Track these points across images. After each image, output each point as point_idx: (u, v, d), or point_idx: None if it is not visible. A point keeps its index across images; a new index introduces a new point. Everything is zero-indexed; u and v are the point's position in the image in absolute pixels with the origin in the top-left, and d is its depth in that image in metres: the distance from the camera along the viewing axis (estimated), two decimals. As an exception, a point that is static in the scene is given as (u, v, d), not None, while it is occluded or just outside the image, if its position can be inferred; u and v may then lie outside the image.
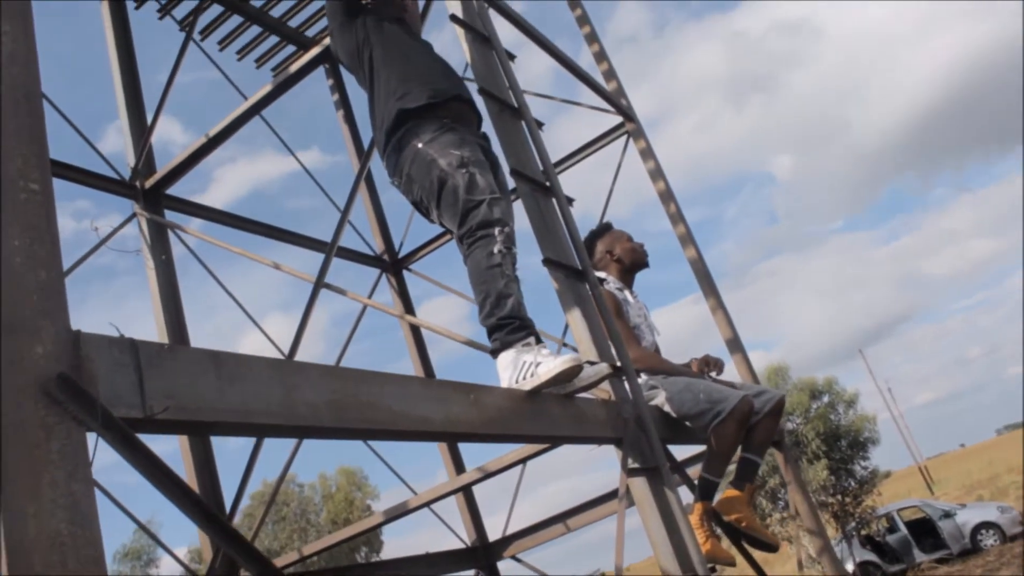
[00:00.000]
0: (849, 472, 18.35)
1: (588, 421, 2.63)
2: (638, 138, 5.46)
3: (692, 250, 5.07)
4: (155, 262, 4.61)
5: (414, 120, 2.89)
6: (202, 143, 4.80)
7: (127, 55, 5.34)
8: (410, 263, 6.58)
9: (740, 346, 4.83)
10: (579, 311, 2.90)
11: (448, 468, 5.72)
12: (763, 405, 3.52)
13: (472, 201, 2.67)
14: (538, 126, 3.44)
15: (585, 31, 5.89)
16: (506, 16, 4.33)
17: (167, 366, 1.42)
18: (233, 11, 6.67)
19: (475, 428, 2.09)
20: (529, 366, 2.41)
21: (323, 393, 1.69)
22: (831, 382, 19.57)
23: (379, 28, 3.17)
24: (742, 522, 3.39)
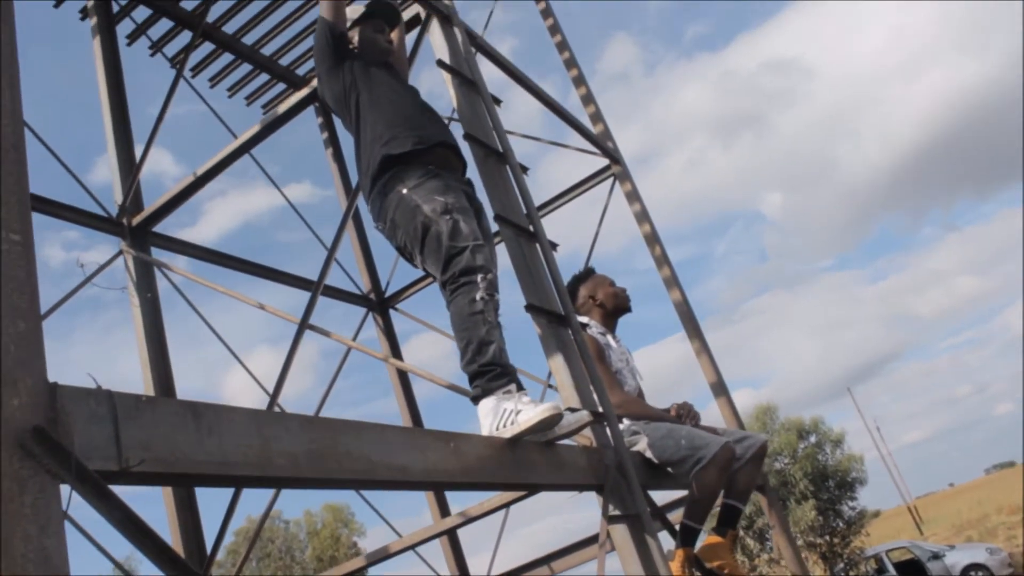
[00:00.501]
0: (837, 513, 18.29)
1: (569, 468, 2.63)
2: (624, 181, 5.51)
3: (677, 292, 5.10)
4: (140, 300, 4.61)
5: (399, 166, 2.91)
6: (190, 181, 4.81)
7: (117, 91, 5.37)
8: (397, 302, 6.59)
9: (724, 389, 4.85)
10: (561, 356, 2.92)
11: (432, 510, 5.69)
12: (745, 451, 3.53)
13: (455, 248, 2.69)
14: (523, 170, 3.48)
15: (573, 74, 5.96)
16: (493, 60, 4.38)
17: (145, 418, 1.42)
18: (224, 49, 6.74)
19: (454, 477, 2.09)
20: (510, 413, 2.42)
21: (301, 443, 1.69)
22: (818, 422, 19.58)
23: (366, 73, 3.21)
24: (724, 569, 3.38)
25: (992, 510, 36.05)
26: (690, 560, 3.34)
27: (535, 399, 2.54)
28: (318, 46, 3.29)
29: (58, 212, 4.53)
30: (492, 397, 2.50)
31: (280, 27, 6.70)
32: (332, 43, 3.23)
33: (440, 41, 3.70)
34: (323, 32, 3.26)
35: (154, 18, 6.23)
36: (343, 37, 3.29)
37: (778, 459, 18.71)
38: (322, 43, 3.25)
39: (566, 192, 5.86)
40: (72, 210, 4.59)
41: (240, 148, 4.93)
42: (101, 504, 1.29)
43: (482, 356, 2.55)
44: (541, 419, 2.37)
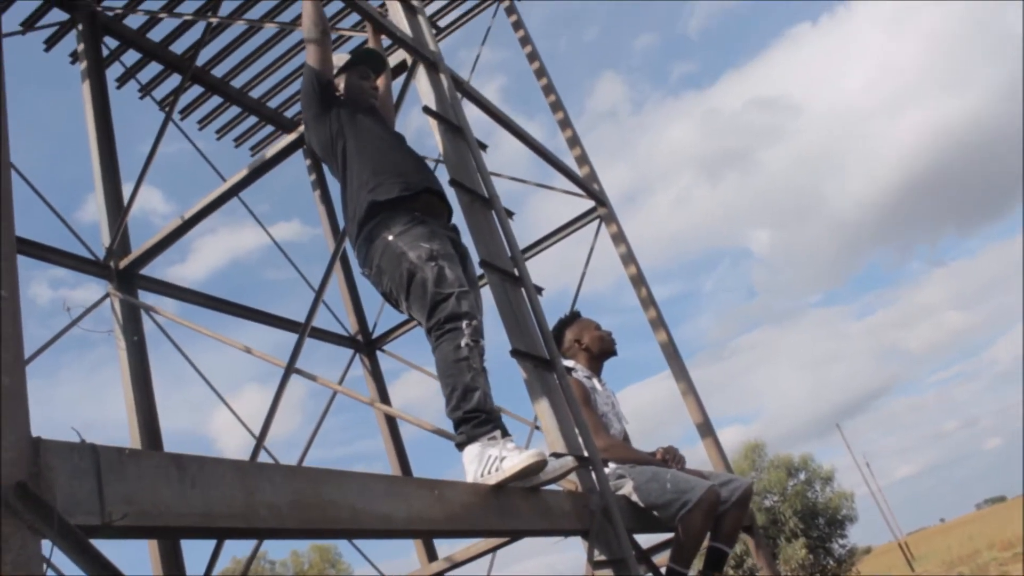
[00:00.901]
0: (827, 551, 18.21)
1: (554, 513, 2.63)
2: (610, 223, 5.56)
3: (663, 334, 5.12)
4: (126, 343, 4.60)
5: (385, 212, 2.94)
6: (177, 224, 4.83)
7: (106, 135, 5.39)
8: (384, 343, 6.59)
9: (711, 430, 4.85)
10: (547, 401, 2.92)
11: (420, 554, 5.64)
12: (731, 494, 3.53)
13: (440, 294, 2.71)
14: (508, 215, 3.51)
15: (559, 117, 6.03)
16: (479, 105, 4.44)
17: (128, 471, 1.42)
18: (213, 91, 6.80)
19: (439, 525, 2.09)
20: (494, 460, 2.42)
21: (285, 494, 1.70)
22: (807, 459, 19.54)
23: (352, 120, 3.24)
24: (711, 612, 3.38)
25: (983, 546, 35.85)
26: (677, 604, 3.33)
27: (520, 445, 2.54)
28: (305, 93, 3.32)
29: (45, 255, 4.53)
30: (477, 444, 2.51)
31: (269, 70, 6.78)
32: (319, 90, 3.27)
33: (426, 87, 3.75)
34: (310, 80, 3.30)
35: (144, 61, 6.29)
36: (330, 85, 3.33)
37: (767, 497, 18.65)
38: (309, 90, 3.29)
39: (552, 234, 5.90)
40: (59, 253, 4.59)
41: (228, 191, 4.95)
42: (82, 559, 1.29)
43: (467, 403, 2.56)
44: (525, 466, 2.38)
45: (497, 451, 2.45)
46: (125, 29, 5.96)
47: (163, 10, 5.78)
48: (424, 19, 4.13)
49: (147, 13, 5.75)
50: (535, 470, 2.44)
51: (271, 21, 5.99)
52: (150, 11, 5.74)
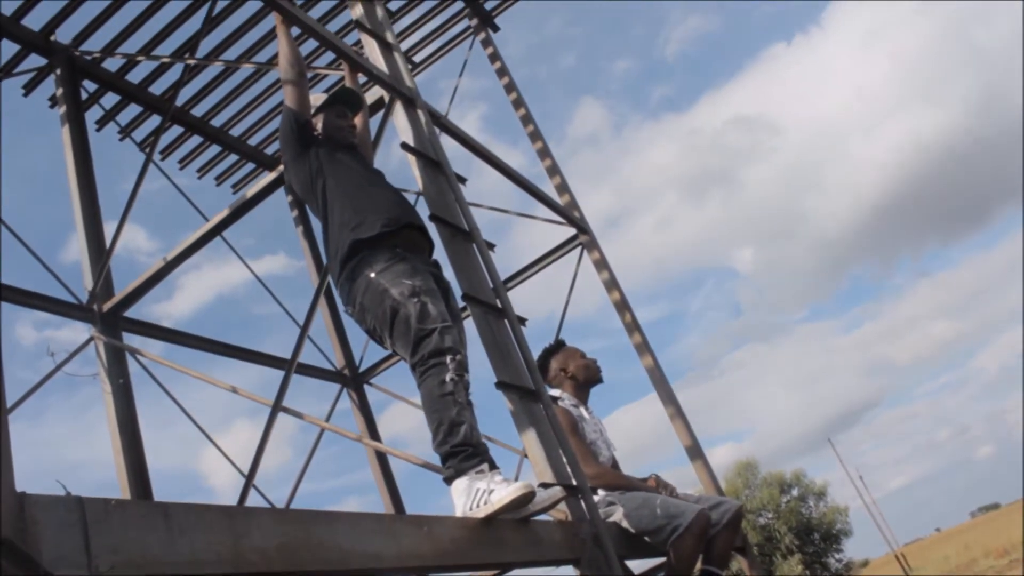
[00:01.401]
0: (824, 566, 18.18)
1: (545, 544, 2.64)
2: (592, 249, 5.59)
3: (649, 359, 5.15)
4: (112, 386, 4.59)
5: (367, 250, 2.96)
6: (160, 266, 4.84)
7: (86, 179, 5.40)
8: (371, 377, 6.59)
9: (700, 453, 4.87)
10: (534, 431, 2.94)
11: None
12: (721, 517, 3.55)
13: (424, 330, 2.72)
14: (490, 247, 3.53)
15: (538, 147, 6.08)
16: (458, 139, 4.48)
17: (114, 522, 1.43)
18: (193, 131, 6.83)
19: (428, 561, 2.10)
20: (483, 493, 2.43)
21: (273, 538, 1.70)
22: (800, 475, 19.56)
23: (332, 159, 3.27)
24: (707, 635, 3.38)
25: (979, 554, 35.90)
26: (672, 629, 3.33)
27: (508, 477, 2.55)
28: (283, 134, 3.35)
29: (27, 301, 4.53)
30: (465, 477, 2.52)
31: (247, 109, 6.81)
32: (297, 131, 3.30)
33: (404, 123, 3.78)
34: (288, 120, 3.32)
35: (123, 103, 6.32)
36: (308, 125, 3.36)
37: (761, 514, 18.64)
38: (287, 131, 3.32)
39: (535, 263, 5.92)
40: (41, 298, 4.59)
41: (211, 231, 4.97)
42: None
43: (453, 437, 2.57)
44: (514, 498, 2.39)
45: (485, 484, 2.45)
46: (103, 72, 6.00)
47: (141, 52, 5.82)
48: (400, 56, 4.17)
49: (125, 56, 5.79)
50: (523, 502, 2.45)
51: (248, 61, 6.04)
52: (128, 54, 5.78)
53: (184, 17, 5.76)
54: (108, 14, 5.56)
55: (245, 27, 6.00)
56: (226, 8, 5.81)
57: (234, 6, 5.82)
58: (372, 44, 4.16)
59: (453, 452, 2.55)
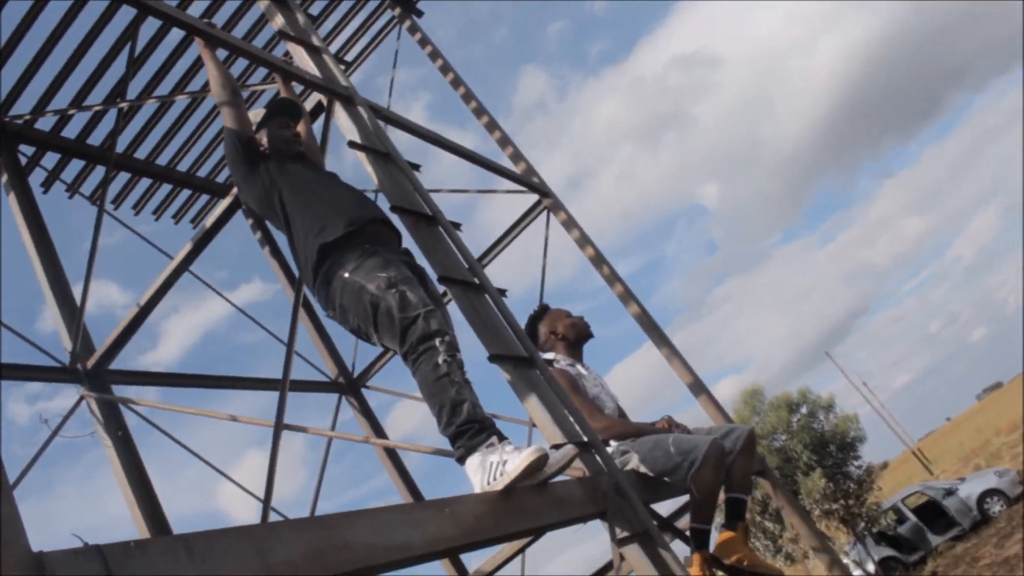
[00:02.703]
0: (845, 475, 18.38)
1: (568, 503, 2.65)
2: (557, 211, 5.59)
3: (635, 306, 5.16)
4: (112, 440, 4.56)
5: (336, 252, 2.95)
6: (135, 313, 4.80)
7: (43, 242, 5.33)
8: (367, 380, 6.59)
9: (703, 387, 4.90)
10: (535, 396, 2.94)
11: (449, 572, 5.64)
12: (734, 443, 3.58)
13: (408, 318, 2.72)
14: (456, 227, 3.53)
15: (484, 121, 6.06)
16: (403, 128, 4.46)
17: (137, 564, 1.42)
18: (140, 175, 6.74)
19: (457, 541, 2.11)
20: (497, 466, 2.44)
21: (298, 548, 1.70)
22: (805, 392, 19.72)
23: (282, 170, 3.24)
24: (743, 561, 3.41)
25: (991, 434, 36.48)
26: (708, 561, 3.37)
27: (519, 445, 2.56)
28: (229, 156, 3.32)
29: (12, 374, 4.49)
30: (476, 454, 2.52)
31: (190, 142, 6.73)
32: (242, 150, 3.27)
33: (347, 123, 3.75)
34: (231, 141, 3.29)
35: (64, 161, 6.23)
36: (251, 142, 3.33)
37: (775, 438, 18.81)
38: (232, 152, 3.29)
39: (504, 235, 5.92)
40: (24, 368, 4.55)
41: (177, 268, 4.93)
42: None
43: (457, 417, 2.57)
44: (528, 464, 2.39)
45: (498, 456, 2.46)
46: (38, 133, 5.91)
47: (72, 106, 5.74)
48: (330, 57, 4.13)
49: (56, 112, 5.71)
50: (539, 466, 2.46)
51: (181, 93, 5.97)
52: (58, 109, 5.69)
53: (107, 63, 5.67)
54: (29, 75, 5.47)
55: (171, 60, 5.92)
56: (148, 46, 5.73)
57: (155, 42, 5.74)
58: (299, 51, 4.12)
59: (460, 431, 2.56)
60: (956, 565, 14.83)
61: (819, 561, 7.85)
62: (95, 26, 5.40)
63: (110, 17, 5.37)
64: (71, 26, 5.35)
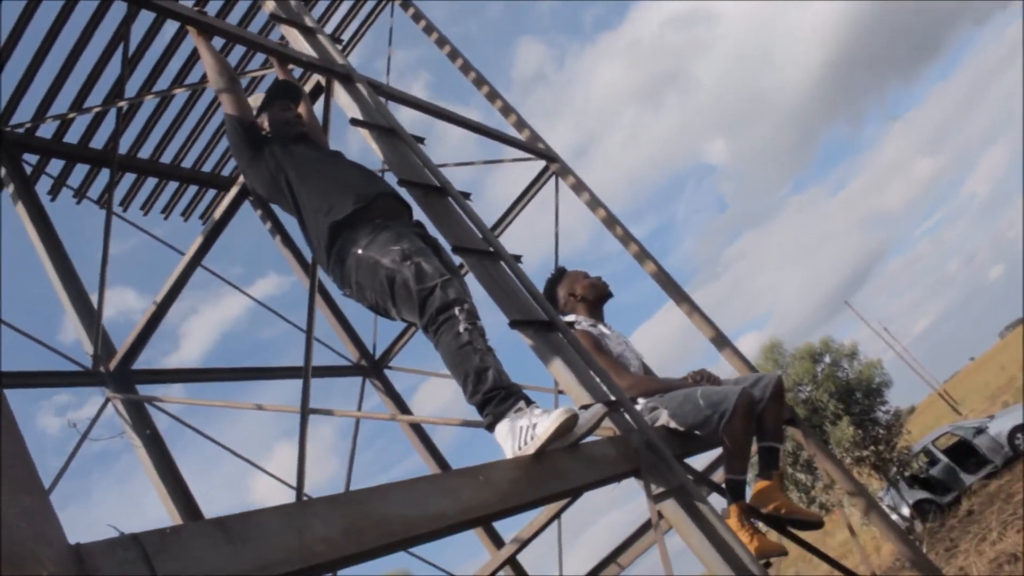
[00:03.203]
0: (874, 421, 18.29)
1: (600, 462, 2.63)
2: (566, 175, 5.54)
3: (651, 264, 5.12)
4: (141, 439, 4.58)
5: (347, 230, 2.92)
6: (152, 311, 4.80)
7: (56, 249, 5.34)
8: (388, 360, 6.59)
9: (726, 340, 4.86)
10: (559, 360, 2.92)
11: (487, 545, 5.66)
12: (763, 392, 3.55)
13: (425, 289, 2.70)
14: (465, 196, 3.49)
15: (485, 91, 6.00)
16: (404, 103, 4.41)
17: (175, 549, 1.41)
18: (146, 174, 6.73)
19: (493, 508, 2.09)
20: (527, 430, 2.42)
21: (335, 524, 1.69)
22: (827, 342, 19.60)
23: (287, 152, 3.22)
24: (781, 509, 3.39)
25: (1016, 371, 36.21)
26: (745, 512, 3.35)
27: (547, 408, 2.54)
28: (233, 143, 3.30)
29: (36, 381, 4.51)
30: (505, 420, 2.50)
31: (192, 137, 6.70)
32: (244, 135, 3.25)
33: (347, 101, 3.72)
34: (233, 128, 3.27)
35: (69, 166, 6.22)
36: (253, 126, 3.31)
37: (800, 389, 18.73)
38: (235, 139, 3.27)
39: (515, 204, 5.89)
40: (48, 375, 4.57)
41: (191, 263, 4.93)
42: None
43: (483, 384, 2.56)
44: (559, 425, 2.37)
45: (527, 420, 2.44)
46: (40, 141, 5.89)
47: (72, 109, 5.71)
48: (325, 37, 4.09)
49: (56, 118, 5.68)
50: (569, 426, 2.43)
51: (180, 86, 5.93)
52: (58, 114, 5.67)
53: (103, 65, 5.64)
54: (26, 82, 5.45)
55: (167, 56, 5.88)
56: (142, 43, 5.69)
57: (149, 39, 5.70)
58: (293, 33, 4.08)
59: (487, 399, 2.54)
60: (991, 503, 14.77)
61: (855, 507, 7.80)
62: (87, 27, 5.36)
63: (101, 17, 5.33)
64: (63, 30, 5.31)
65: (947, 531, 14.62)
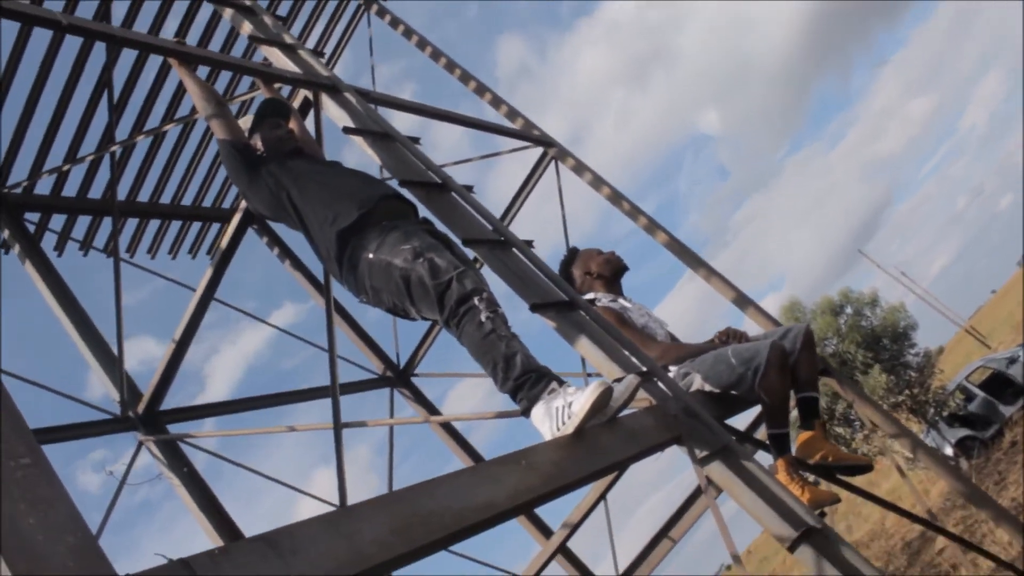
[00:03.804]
0: (905, 365, 18.19)
1: (641, 434, 2.60)
2: (565, 158, 5.50)
3: (662, 235, 5.07)
4: (179, 478, 4.58)
5: (355, 236, 2.90)
6: (173, 349, 4.80)
7: (69, 302, 5.32)
8: (414, 368, 6.57)
9: (748, 300, 4.80)
10: (585, 338, 2.89)
11: (536, 537, 5.62)
12: (793, 343, 3.51)
13: (441, 283, 2.67)
14: (468, 190, 3.46)
15: (472, 86, 5.96)
16: (394, 106, 4.39)
17: (226, 568, 1.39)
18: (147, 218, 6.73)
19: (540, 490, 2.06)
20: (563, 410, 2.39)
21: (383, 525, 1.66)
22: (846, 293, 19.50)
23: (284, 168, 3.20)
24: (828, 457, 3.35)
25: (1041, 297, 35.91)
26: (793, 465, 3.31)
27: (580, 386, 2.51)
28: (229, 168, 3.28)
29: (67, 434, 4.53)
30: (540, 403, 2.48)
31: (188, 174, 6.69)
32: (240, 158, 3.23)
33: (337, 112, 3.70)
34: (227, 152, 3.25)
35: (71, 220, 6.22)
36: (248, 148, 3.29)
37: (827, 344, 18.62)
38: (232, 163, 3.25)
39: (518, 194, 5.86)
40: (79, 426, 4.58)
41: (203, 298, 4.92)
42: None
43: (513, 370, 2.53)
44: (594, 400, 2.34)
45: (562, 400, 2.41)
46: (39, 199, 5.90)
47: (66, 162, 5.71)
48: (306, 52, 4.08)
49: (52, 172, 5.68)
50: (604, 400, 2.40)
51: (170, 122, 5.91)
52: (54, 168, 5.66)
53: (90, 114, 5.64)
54: (18, 142, 5.46)
55: (152, 95, 5.86)
56: (126, 87, 5.68)
57: (132, 81, 5.69)
58: (275, 52, 4.07)
59: (519, 384, 2.51)
60: (1034, 430, 14.66)
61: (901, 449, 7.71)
62: (70, 79, 5.36)
63: (83, 66, 5.33)
64: (47, 84, 5.31)
65: (994, 465, 14.51)
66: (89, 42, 5.09)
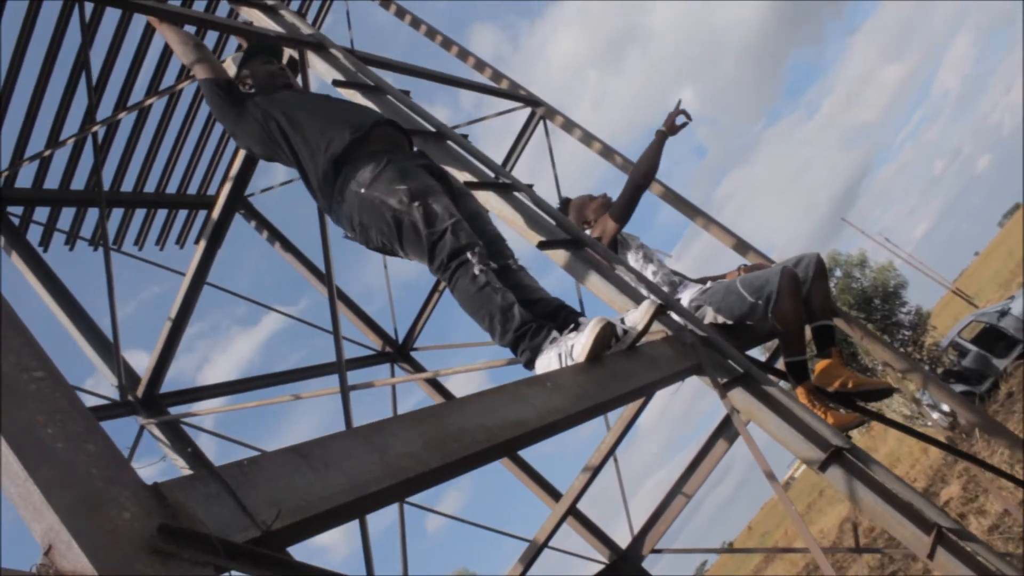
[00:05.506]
0: (897, 324, 18.26)
1: (661, 361, 2.54)
2: (553, 116, 5.44)
3: (658, 186, 5.02)
4: (184, 459, 4.50)
5: (348, 164, 2.79)
6: (169, 329, 4.71)
7: (60, 293, 5.23)
8: (413, 342, 6.51)
9: (748, 245, 4.76)
10: (594, 274, 2.84)
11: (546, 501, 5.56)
12: (806, 271, 3.46)
13: (435, 233, 2.59)
14: (464, 138, 3.40)
15: (454, 52, 5.89)
16: (380, 65, 4.31)
17: (257, 478, 1.32)
18: (133, 208, 6.61)
19: (569, 410, 1.99)
20: (566, 354, 2.33)
21: (415, 440, 1.60)
22: (834, 255, 19.55)
23: (272, 101, 3.08)
24: (848, 383, 3.30)
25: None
26: (812, 392, 3.27)
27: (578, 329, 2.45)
28: (215, 106, 3.16)
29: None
30: (543, 353, 2.42)
31: (171, 161, 6.58)
32: (223, 94, 3.13)
33: (324, 68, 3.63)
34: (211, 91, 3.14)
35: (55, 212, 6.11)
36: (231, 84, 3.20)
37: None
38: (216, 101, 3.13)
39: (508, 155, 5.79)
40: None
41: (195, 277, 4.82)
42: (270, 571, 1.19)
43: (511, 322, 2.46)
44: (595, 336, 2.27)
45: (565, 346, 2.35)
46: (21, 192, 5.77)
47: (48, 147, 5.59)
48: (289, 12, 4.00)
49: (33, 158, 5.55)
50: (606, 335, 2.33)
51: (155, 94, 5.77)
52: (35, 155, 5.54)
53: (69, 97, 5.51)
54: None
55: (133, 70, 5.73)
56: (103, 68, 5.56)
57: (110, 62, 5.57)
58: (256, 14, 4.00)
59: (519, 336, 2.44)
60: (1029, 381, 14.71)
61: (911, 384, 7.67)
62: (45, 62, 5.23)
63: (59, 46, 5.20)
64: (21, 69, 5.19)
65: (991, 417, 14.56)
66: (65, 19, 4.96)
